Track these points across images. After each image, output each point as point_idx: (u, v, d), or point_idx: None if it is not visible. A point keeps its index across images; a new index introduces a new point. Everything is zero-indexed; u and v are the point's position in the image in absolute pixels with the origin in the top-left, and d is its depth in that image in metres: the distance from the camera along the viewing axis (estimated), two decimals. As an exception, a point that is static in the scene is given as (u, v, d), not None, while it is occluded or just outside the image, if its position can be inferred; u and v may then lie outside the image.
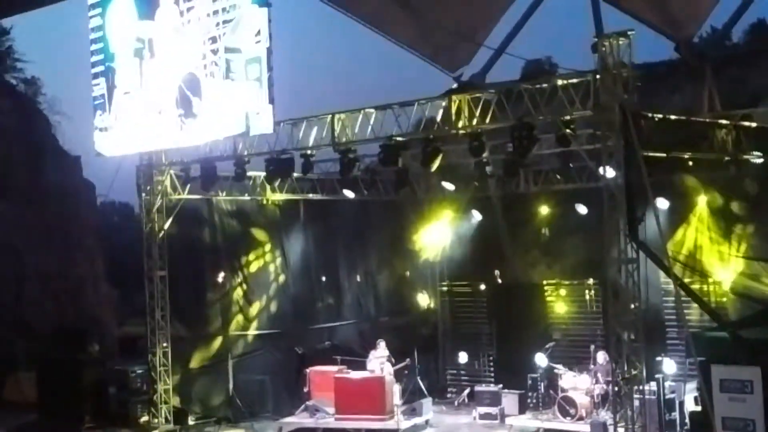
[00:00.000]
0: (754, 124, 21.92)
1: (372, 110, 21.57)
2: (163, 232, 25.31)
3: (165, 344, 25.19)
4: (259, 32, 21.03)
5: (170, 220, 25.35)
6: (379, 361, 24.31)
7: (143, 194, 25.59)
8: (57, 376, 26.10)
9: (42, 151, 35.79)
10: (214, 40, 22.01)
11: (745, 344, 18.26)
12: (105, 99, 24.83)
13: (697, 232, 23.23)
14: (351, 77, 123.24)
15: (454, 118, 20.54)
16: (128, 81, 24.33)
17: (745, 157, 21.30)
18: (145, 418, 25.29)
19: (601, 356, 22.70)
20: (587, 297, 25.99)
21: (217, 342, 26.49)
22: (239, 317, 26.83)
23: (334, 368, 24.52)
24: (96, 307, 35.19)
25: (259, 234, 27.35)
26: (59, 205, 34.43)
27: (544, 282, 26.91)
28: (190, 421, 25.45)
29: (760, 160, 21.52)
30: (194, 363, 26.23)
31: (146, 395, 25.43)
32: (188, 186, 25.20)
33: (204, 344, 26.43)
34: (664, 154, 19.53)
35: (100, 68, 24.93)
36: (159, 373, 25.05)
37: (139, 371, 25.91)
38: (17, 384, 29.13)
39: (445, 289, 29.16)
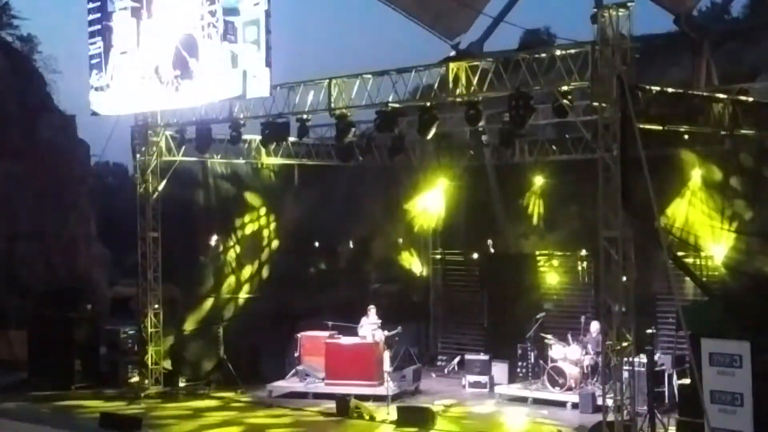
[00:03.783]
0: (750, 99, 21.87)
1: (369, 76, 21.47)
2: (156, 193, 25.29)
3: (156, 305, 25.25)
4: (257, -6, 20.92)
5: (164, 181, 25.32)
6: (371, 328, 24.38)
7: (138, 155, 25.54)
8: (48, 335, 26.16)
9: (37, 109, 35.68)
10: (212, 1, 21.92)
11: (735, 318, 18.32)
12: (101, 58, 24.72)
13: (691, 206, 23.26)
14: (349, 42, 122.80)
15: (451, 85, 20.46)
16: (125, 41, 24.22)
17: (741, 131, 21.26)
18: (135, 379, 25.38)
19: (593, 327, 22.77)
20: (579, 268, 26.02)
21: (209, 304, 26.56)
22: (231, 280, 26.89)
23: (325, 333, 24.60)
24: (88, 266, 35.22)
25: (253, 198, 27.35)
26: (53, 164, 34.35)
27: (537, 252, 26.93)
28: (180, 383, 25.52)
29: (756, 135, 21.49)
30: (185, 325, 26.31)
31: (137, 356, 25.51)
32: (183, 148, 25.15)
33: (195, 306, 26.50)
34: (660, 127, 19.49)
35: (97, 27, 24.81)
36: (150, 335, 25.09)
37: (130, 332, 25.98)
38: (8, 342, 29.19)
39: (437, 257, 29.21)
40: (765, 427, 16.95)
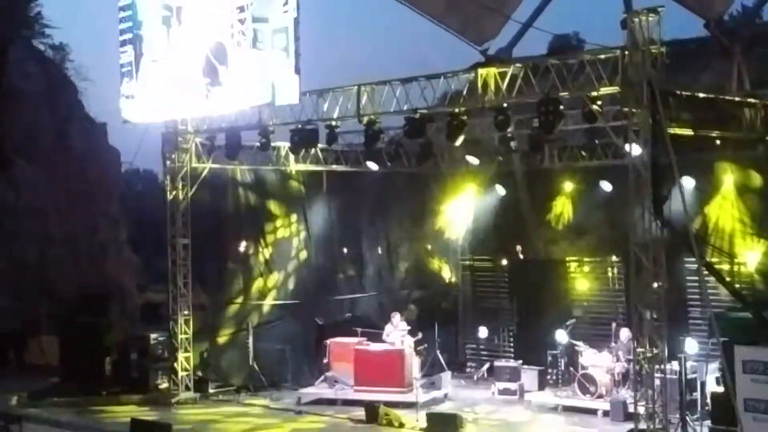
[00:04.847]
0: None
1: (398, 82, 21.48)
2: (186, 200, 25.37)
3: (186, 312, 25.32)
4: (286, 2, 21.01)
5: (194, 188, 25.40)
6: (400, 334, 24.34)
7: (168, 162, 25.63)
8: (79, 341, 26.27)
9: (68, 117, 35.97)
10: (241, 9, 22.00)
11: (768, 325, 18.17)
12: (132, 66, 24.86)
13: (723, 212, 23.08)
14: (377, 49, 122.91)
15: (480, 91, 20.43)
16: (156, 49, 24.34)
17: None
18: (164, 385, 25.41)
19: (624, 334, 22.62)
20: (610, 274, 25.85)
21: (239, 311, 26.60)
22: (260, 287, 26.93)
23: (354, 340, 24.60)
24: (118, 272, 35.41)
25: (282, 204, 27.39)
26: (84, 171, 34.63)
27: (567, 258, 26.80)
28: (210, 390, 25.55)
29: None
30: (215, 331, 26.35)
31: (167, 362, 25.56)
32: (213, 155, 25.22)
33: (225, 313, 26.56)
34: (692, 132, 19.37)
35: (128, 36, 24.95)
36: (180, 341, 25.17)
37: (160, 338, 26.03)
38: (39, 347, 29.38)
39: (466, 263, 29.11)
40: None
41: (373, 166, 25.87)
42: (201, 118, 24.86)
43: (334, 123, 22.64)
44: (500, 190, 27.45)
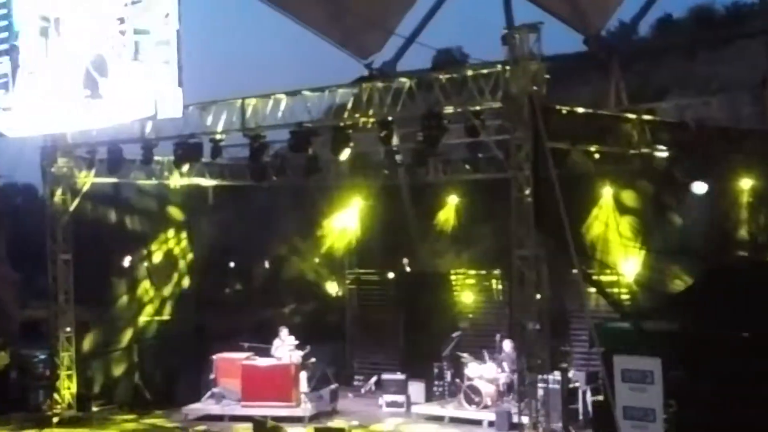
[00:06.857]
0: (658, 119, 22.25)
1: (282, 96, 21.42)
2: (67, 214, 24.87)
3: (68, 329, 24.79)
4: (168, 14, 20.74)
5: (75, 202, 24.92)
6: (288, 349, 24.24)
7: (47, 176, 25.08)
8: (-45, 361, 25.55)
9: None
10: (122, 20, 21.61)
11: (646, 335, 18.58)
12: (9, 78, 24.19)
13: (603, 225, 23.58)
14: (262, 61, 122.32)
15: (364, 105, 20.49)
16: (33, 60, 23.72)
17: (649, 151, 21.60)
18: (47, 404, 24.84)
19: (508, 345, 22.90)
20: (494, 286, 26.19)
21: (122, 327, 26.26)
22: (145, 302, 26.59)
23: (241, 355, 24.40)
24: (-3, 289, 34.48)
25: (167, 219, 27.11)
26: (-41, 186, 33.67)
27: (452, 271, 27.05)
28: (94, 408, 25.06)
29: (664, 155, 21.86)
30: (98, 348, 25.89)
31: (48, 381, 25.00)
32: (94, 168, 24.78)
33: (108, 329, 26.16)
34: (571, 147, 19.73)
35: (4, 46, 24.24)
36: (62, 359, 24.63)
37: (42, 356, 25.49)
38: None
39: (353, 276, 29.12)
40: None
41: (258, 180, 25.67)
42: (81, 132, 24.37)
43: (218, 136, 22.48)
44: (386, 204, 27.42)
